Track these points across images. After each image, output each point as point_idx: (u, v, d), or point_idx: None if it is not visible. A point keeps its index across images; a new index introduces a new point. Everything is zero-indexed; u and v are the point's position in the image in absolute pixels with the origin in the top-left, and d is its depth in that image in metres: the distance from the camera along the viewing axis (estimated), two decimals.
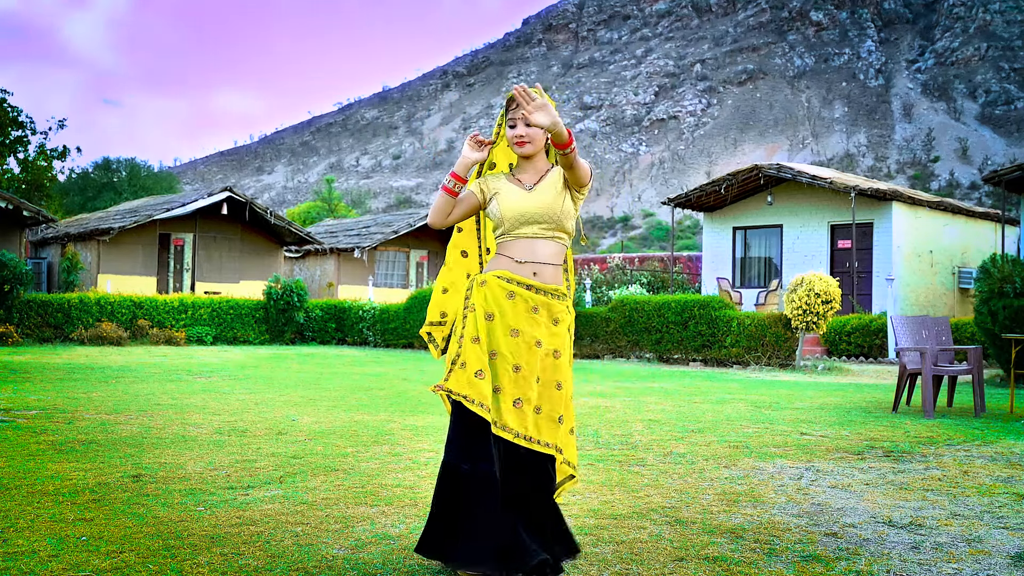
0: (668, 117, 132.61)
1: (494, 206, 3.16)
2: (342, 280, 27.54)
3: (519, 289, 3.10)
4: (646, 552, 3.27)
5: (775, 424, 7.11)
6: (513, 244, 3.15)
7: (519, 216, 3.12)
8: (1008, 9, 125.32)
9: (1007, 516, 3.97)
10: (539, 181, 3.18)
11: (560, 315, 3.17)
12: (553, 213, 3.13)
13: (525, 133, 3.13)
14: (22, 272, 16.98)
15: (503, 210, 3.13)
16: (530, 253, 3.13)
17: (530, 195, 3.14)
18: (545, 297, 3.13)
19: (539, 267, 3.13)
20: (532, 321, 3.10)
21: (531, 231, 3.13)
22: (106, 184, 44.82)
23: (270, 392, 9.26)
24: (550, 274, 3.15)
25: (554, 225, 3.14)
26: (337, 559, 3.11)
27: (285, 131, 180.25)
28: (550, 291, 3.14)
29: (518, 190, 3.16)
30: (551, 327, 3.14)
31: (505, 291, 3.10)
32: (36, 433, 5.94)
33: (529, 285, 3.11)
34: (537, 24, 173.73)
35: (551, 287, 3.15)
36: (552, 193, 3.15)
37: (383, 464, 5.02)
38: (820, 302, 13.88)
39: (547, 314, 3.13)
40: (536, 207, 3.12)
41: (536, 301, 3.11)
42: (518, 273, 3.12)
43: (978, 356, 8.21)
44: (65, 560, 3.04)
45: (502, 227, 3.16)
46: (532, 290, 3.11)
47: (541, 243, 3.14)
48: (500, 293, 3.09)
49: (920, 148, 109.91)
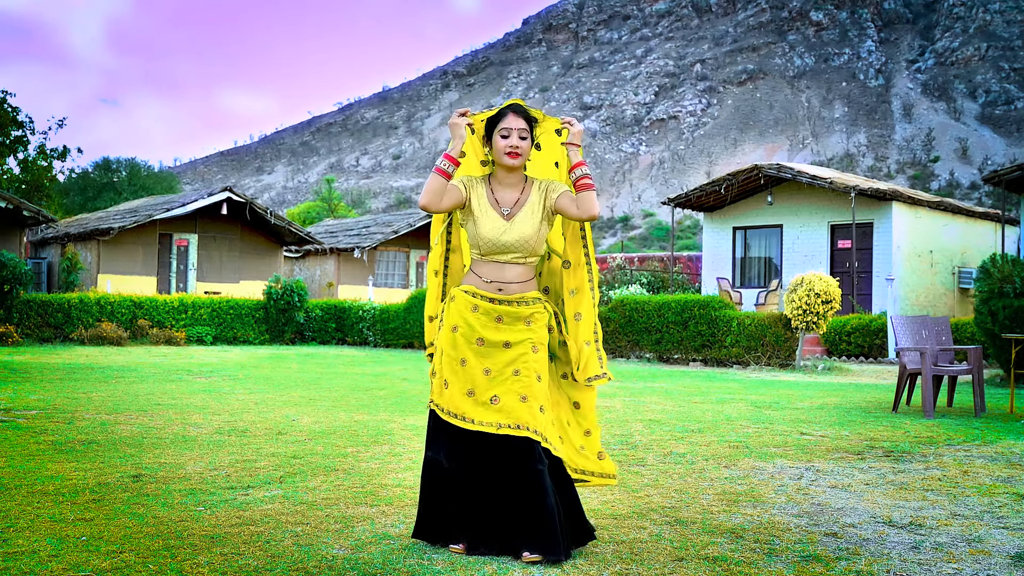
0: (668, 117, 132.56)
1: (471, 229, 3.32)
2: (342, 280, 27.54)
3: (483, 303, 3.29)
4: (646, 552, 3.27)
5: (775, 424, 7.11)
6: (483, 265, 3.33)
7: (494, 246, 3.29)
8: (1008, 9, 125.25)
9: (1007, 516, 3.97)
10: (516, 204, 3.30)
11: (533, 316, 3.32)
12: (528, 244, 3.30)
13: (518, 145, 3.25)
14: (22, 272, 16.98)
15: (479, 237, 3.29)
16: (498, 275, 3.31)
17: (507, 225, 3.28)
18: (510, 307, 3.29)
19: (504, 285, 3.31)
20: (496, 329, 3.27)
21: (504, 258, 3.30)
22: (106, 184, 44.81)
23: (270, 392, 9.26)
24: (516, 288, 3.32)
25: (527, 253, 3.31)
26: (337, 559, 3.11)
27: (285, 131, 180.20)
28: (515, 300, 3.30)
29: (496, 216, 3.29)
30: (523, 328, 3.30)
31: (470, 304, 3.29)
32: (36, 433, 5.94)
33: (492, 299, 3.29)
34: (537, 24, 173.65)
35: (516, 296, 3.31)
36: (530, 222, 3.29)
37: (383, 464, 5.02)
38: (820, 302, 13.88)
39: (514, 319, 3.29)
40: (512, 239, 3.28)
41: (499, 311, 3.28)
42: (483, 289, 3.30)
43: (978, 356, 8.21)
44: (65, 560, 3.04)
45: (477, 249, 3.33)
46: (495, 303, 3.29)
47: (510, 267, 3.31)
48: (466, 307, 3.29)
49: (920, 148, 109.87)
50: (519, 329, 3.28)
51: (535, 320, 3.31)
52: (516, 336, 3.27)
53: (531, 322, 3.30)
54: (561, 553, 3.10)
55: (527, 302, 3.31)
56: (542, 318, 3.33)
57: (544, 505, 3.14)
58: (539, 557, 3.08)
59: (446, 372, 3.27)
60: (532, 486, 3.15)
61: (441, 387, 3.26)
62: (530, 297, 3.32)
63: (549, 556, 3.09)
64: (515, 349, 3.25)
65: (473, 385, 3.22)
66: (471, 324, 3.26)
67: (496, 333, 3.26)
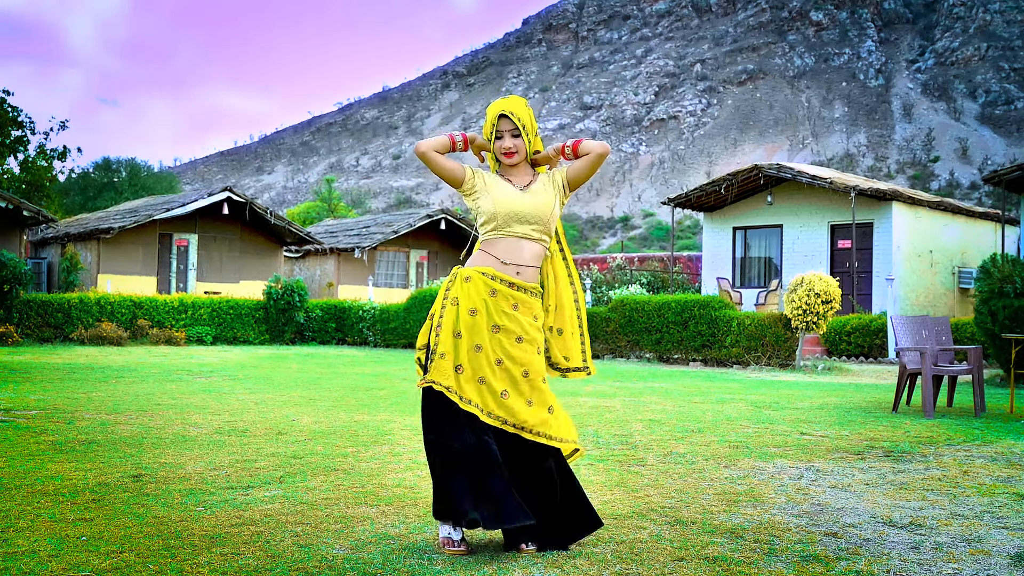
0: (668, 117, 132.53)
1: (487, 201, 3.35)
2: (342, 280, 27.54)
3: (502, 287, 3.30)
4: (646, 552, 3.27)
5: (775, 424, 7.11)
6: (500, 242, 3.34)
7: (512, 214, 3.33)
8: (1008, 9, 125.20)
9: (1007, 516, 3.97)
10: (529, 184, 3.43)
11: (538, 311, 3.39)
12: (544, 214, 3.36)
13: (512, 145, 3.40)
14: (22, 272, 16.98)
15: (497, 205, 3.32)
16: (515, 254, 3.34)
17: (523, 195, 3.37)
18: (525, 295, 3.34)
19: (522, 268, 3.35)
20: (512, 317, 3.30)
21: (521, 230, 3.34)
22: (106, 184, 44.82)
23: (270, 392, 9.26)
24: (531, 275, 3.37)
25: (543, 228, 3.37)
26: (337, 559, 3.11)
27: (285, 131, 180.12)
28: (529, 289, 3.36)
29: (511, 188, 3.38)
30: (531, 322, 3.35)
31: (488, 288, 3.30)
32: (36, 433, 5.94)
33: (511, 283, 3.32)
34: (537, 24, 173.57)
35: (530, 285, 3.36)
36: (544, 195, 3.40)
37: (383, 464, 5.02)
38: (820, 302, 13.88)
39: (526, 311, 3.34)
40: (529, 207, 3.35)
41: (517, 298, 3.32)
42: (502, 271, 3.32)
43: (978, 356, 8.20)
44: (65, 560, 3.04)
45: (494, 222, 3.34)
46: (514, 287, 3.32)
47: (527, 244, 3.35)
48: (484, 290, 3.29)
49: (920, 148, 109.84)
50: (530, 325, 3.33)
51: (539, 317, 3.40)
52: (527, 332, 3.32)
53: (537, 318, 3.38)
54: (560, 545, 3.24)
55: (536, 294, 3.40)
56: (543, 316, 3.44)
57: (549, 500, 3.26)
58: (535, 548, 3.21)
59: (462, 356, 3.23)
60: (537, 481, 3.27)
61: (451, 369, 3.22)
62: (538, 290, 3.42)
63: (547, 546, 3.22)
64: (525, 350, 3.29)
65: (484, 374, 3.23)
66: (489, 309, 3.27)
67: (512, 322, 3.28)
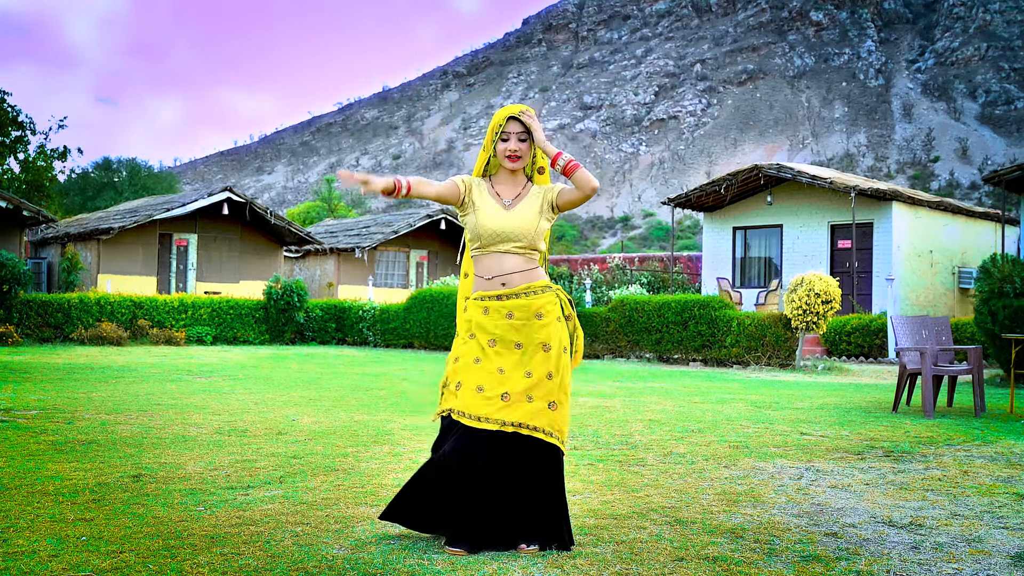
0: (668, 117, 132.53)
1: (472, 219, 3.38)
2: (342, 280, 27.54)
3: (491, 303, 3.35)
4: (646, 552, 3.27)
5: (775, 424, 7.11)
6: (483, 260, 3.39)
7: (495, 234, 3.35)
8: (1008, 9, 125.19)
9: (1007, 516, 3.97)
10: (516, 198, 3.42)
11: (544, 308, 3.36)
12: (528, 233, 3.36)
13: (517, 148, 3.39)
14: (22, 272, 16.98)
15: (480, 226, 3.36)
16: (497, 267, 3.36)
17: (508, 213, 3.37)
18: (518, 300, 3.34)
19: (506, 277, 3.36)
20: (509, 327, 3.32)
21: (504, 248, 3.37)
22: (106, 184, 44.79)
23: (270, 392, 9.26)
24: (519, 279, 3.37)
25: (527, 244, 3.38)
26: (337, 559, 3.11)
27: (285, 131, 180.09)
28: (521, 291, 3.35)
29: (496, 206, 3.38)
30: (535, 322, 3.33)
31: (480, 308, 3.36)
32: (36, 433, 5.94)
33: (499, 295, 3.35)
34: (537, 24, 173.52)
35: (521, 288, 3.36)
36: (529, 213, 3.39)
37: (383, 464, 5.02)
38: (820, 302, 13.88)
39: (525, 313, 3.33)
40: (512, 226, 3.36)
41: (508, 307, 3.34)
42: (488, 289, 3.36)
43: (978, 356, 8.20)
44: (65, 560, 3.04)
45: (478, 241, 3.39)
46: (502, 299, 3.34)
47: (508, 257, 3.37)
48: (477, 312, 3.37)
49: (920, 148, 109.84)
50: (532, 327, 3.33)
51: (547, 313, 3.36)
52: (528, 337, 3.32)
53: (543, 315, 3.35)
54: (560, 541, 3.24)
55: (535, 292, 3.37)
56: (554, 309, 3.39)
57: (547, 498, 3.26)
58: (536, 548, 3.20)
59: (461, 374, 3.33)
60: (535, 480, 3.27)
61: (452, 391, 3.33)
62: (537, 287, 3.38)
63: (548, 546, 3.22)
64: (527, 352, 3.31)
65: (484, 382, 3.27)
66: (484, 327, 3.34)
67: (509, 332, 3.32)
